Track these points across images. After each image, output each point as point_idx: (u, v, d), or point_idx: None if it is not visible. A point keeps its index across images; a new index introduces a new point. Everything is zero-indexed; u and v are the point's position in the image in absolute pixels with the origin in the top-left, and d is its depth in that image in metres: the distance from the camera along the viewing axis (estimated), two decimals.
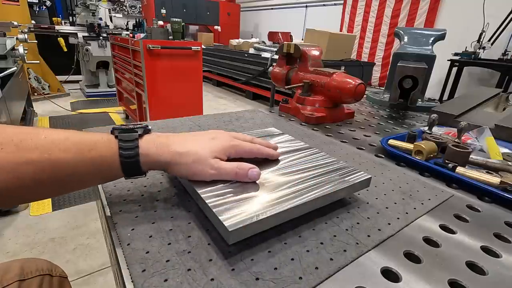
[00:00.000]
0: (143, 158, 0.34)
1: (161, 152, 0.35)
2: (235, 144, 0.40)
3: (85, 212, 1.69)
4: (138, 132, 0.35)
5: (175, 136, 0.38)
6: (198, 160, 0.36)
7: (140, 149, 0.34)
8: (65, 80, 4.54)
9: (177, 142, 0.37)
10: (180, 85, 2.62)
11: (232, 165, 0.37)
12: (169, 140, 0.36)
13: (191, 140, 0.38)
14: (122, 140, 0.33)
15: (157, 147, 0.35)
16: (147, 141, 0.35)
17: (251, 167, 0.38)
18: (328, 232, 0.36)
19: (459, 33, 3.85)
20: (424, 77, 0.97)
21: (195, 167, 0.36)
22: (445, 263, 0.33)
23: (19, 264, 0.52)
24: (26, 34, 2.63)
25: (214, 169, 0.36)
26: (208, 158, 0.36)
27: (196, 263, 0.30)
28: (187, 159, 0.36)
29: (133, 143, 0.34)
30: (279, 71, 1.01)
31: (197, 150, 0.36)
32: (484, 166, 0.55)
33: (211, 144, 0.38)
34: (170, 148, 0.35)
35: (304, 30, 4.84)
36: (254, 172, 0.37)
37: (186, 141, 0.38)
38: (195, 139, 0.39)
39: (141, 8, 7.01)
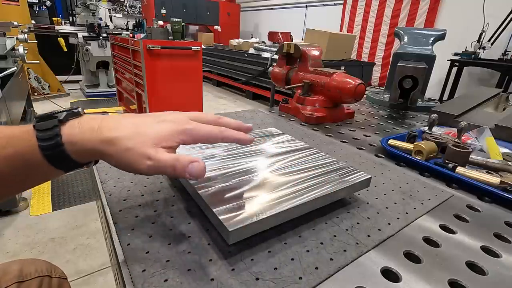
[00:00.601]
0: (69, 147, 0.28)
1: (88, 138, 0.29)
2: (189, 127, 0.32)
3: (85, 212, 1.69)
4: (59, 117, 0.29)
5: (110, 118, 0.31)
6: (132, 148, 0.29)
7: (63, 137, 0.28)
8: (65, 80, 4.54)
9: (110, 125, 0.30)
10: (180, 85, 2.62)
11: (171, 157, 0.29)
12: (101, 123, 0.30)
13: (130, 123, 0.31)
14: (39, 130, 0.28)
15: (83, 133, 0.29)
16: (71, 127, 0.29)
17: (193, 160, 0.30)
18: (328, 232, 0.36)
19: (459, 33, 3.85)
20: (424, 77, 0.97)
21: (127, 156, 0.29)
22: (445, 263, 0.33)
23: (18, 265, 0.51)
24: (26, 34, 2.62)
25: (149, 160, 0.29)
26: (147, 146, 0.29)
27: (196, 263, 0.30)
28: (119, 147, 0.29)
29: (52, 131, 0.28)
30: (279, 71, 1.01)
31: (133, 136, 0.29)
32: (484, 166, 0.55)
33: (155, 128, 0.31)
34: (99, 134, 0.29)
35: (304, 30, 4.84)
36: (195, 167, 0.30)
37: (122, 124, 0.30)
38: (135, 123, 0.31)
39: (141, 8, 7.01)
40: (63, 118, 0.29)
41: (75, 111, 0.30)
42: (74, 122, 0.29)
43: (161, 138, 0.30)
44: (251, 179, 0.39)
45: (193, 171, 0.30)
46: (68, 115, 0.29)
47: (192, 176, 0.30)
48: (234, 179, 0.39)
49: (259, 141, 0.53)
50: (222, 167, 0.42)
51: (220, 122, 0.36)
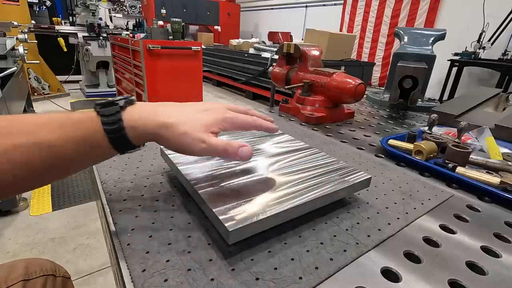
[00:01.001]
0: (130, 131, 0.31)
1: (147, 123, 0.32)
2: (229, 116, 0.36)
3: (85, 212, 1.69)
4: (119, 104, 0.32)
5: (164, 105, 0.35)
6: (187, 132, 0.33)
7: (124, 122, 0.31)
8: (65, 80, 4.54)
9: (165, 112, 0.33)
10: (180, 85, 2.62)
11: (222, 141, 0.34)
12: (156, 109, 0.33)
13: (181, 110, 0.35)
14: (104, 115, 0.31)
15: (142, 118, 0.32)
16: (131, 112, 0.32)
17: (242, 144, 0.35)
18: (328, 232, 0.36)
19: (459, 33, 3.85)
20: (424, 77, 0.97)
21: (183, 140, 0.33)
22: (445, 263, 0.33)
23: (24, 264, 0.52)
24: (26, 34, 2.62)
25: (203, 143, 0.33)
26: (199, 130, 0.33)
27: (196, 263, 0.30)
28: (175, 131, 0.32)
29: (116, 116, 0.31)
30: (279, 71, 1.01)
31: (187, 121, 0.33)
32: (484, 166, 0.55)
33: (203, 116, 0.35)
34: (156, 119, 0.32)
35: (304, 30, 4.84)
36: (244, 150, 0.34)
37: (175, 111, 0.34)
38: (185, 110, 0.35)
39: (141, 8, 7.01)
40: (123, 105, 0.32)
41: (131, 99, 0.34)
42: (132, 109, 0.32)
43: (209, 124, 0.34)
44: (251, 179, 0.39)
45: (243, 154, 0.34)
46: (126, 103, 0.32)
47: (241, 158, 0.35)
48: (234, 179, 0.39)
49: (259, 141, 0.53)
50: (222, 167, 0.42)
51: (250, 113, 0.41)
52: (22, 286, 0.49)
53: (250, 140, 0.53)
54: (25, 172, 0.29)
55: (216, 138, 0.34)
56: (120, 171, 0.48)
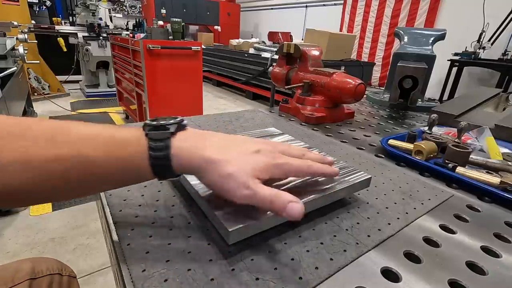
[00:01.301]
0: (175, 160, 0.29)
1: (193, 155, 0.30)
2: (281, 162, 0.33)
3: (85, 212, 1.69)
4: (171, 129, 0.30)
5: (214, 137, 0.33)
6: (233, 174, 0.29)
7: (172, 150, 0.29)
8: (65, 80, 4.54)
9: (214, 146, 0.31)
10: (180, 85, 2.62)
11: (270, 192, 0.29)
12: (206, 141, 0.31)
13: (232, 147, 0.32)
14: (152, 139, 0.29)
15: (190, 149, 0.30)
16: (180, 140, 0.30)
17: (292, 199, 0.29)
18: (328, 232, 0.36)
19: (459, 33, 3.85)
20: (424, 77, 0.97)
21: (227, 182, 0.29)
22: (445, 263, 0.33)
23: (30, 263, 0.52)
24: (26, 34, 2.62)
25: (249, 190, 0.29)
26: (247, 174, 0.30)
27: (196, 263, 0.30)
28: (221, 170, 0.29)
29: (164, 143, 0.29)
30: (279, 71, 1.01)
31: (235, 162, 0.30)
32: (484, 166, 0.55)
33: (254, 158, 0.31)
34: (204, 152, 0.30)
35: (304, 30, 4.84)
36: (295, 207, 0.29)
37: (226, 146, 0.32)
38: (236, 148, 0.32)
39: (141, 8, 7.01)
40: (175, 130, 0.30)
41: (183, 123, 0.32)
42: (182, 136, 0.31)
43: (258, 169, 0.31)
44: None
45: (292, 213, 0.29)
46: (178, 128, 0.31)
47: (289, 216, 0.29)
48: None
49: None
50: None
51: (306, 156, 0.37)
52: (29, 285, 0.49)
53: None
54: (63, 184, 0.28)
55: (264, 187, 0.30)
56: None
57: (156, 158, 0.29)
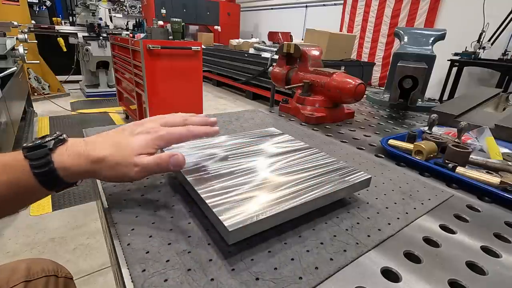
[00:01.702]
0: (62, 172, 0.32)
1: (78, 162, 0.32)
2: (161, 133, 0.37)
3: (85, 212, 1.69)
4: (48, 146, 0.32)
5: (95, 140, 0.35)
6: (119, 162, 0.33)
7: (55, 164, 0.31)
8: (65, 80, 4.54)
9: (95, 146, 0.34)
10: (180, 85, 2.62)
11: (153, 157, 0.35)
12: (86, 147, 0.34)
13: (112, 140, 0.35)
14: (32, 159, 0.31)
15: (73, 158, 0.32)
16: (61, 153, 0.32)
17: (172, 154, 0.35)
18: (328, 232, 0.36)
19: (459, 33, 3.85)
20: (424, 77, 0.97)
21: (117, 170, 0.34)
22: (445, 263, 0.33)
23: (26, 265, 0.52)
24: (26, 34, 2.63)
25: (136, 167, 0.34)
26: (130, 155, 0.34)
27: (196, 263, 0.30)
28: (107, 164, 0.33)
29: (45, 159, 0.31)
30: (279, 71, 1.01)
31: (117, 151, 0.34)
32: (484, 166, 0.55)
33: (133, 141, 0.35)
34: (87, 156, 0.33)
35: (304, 30, 4.84)
36: (175, 159, 0.35)
37: (105, 142, 0.35)
38: (116, 138, 0.36)
39: (141, 8, 7.01)
40: (52, 147, 0.32)
41: (61, 138, 0.34)
42: (62, 149, 0.33)
43: (140, 148, 0.35)
44: (251, 179, 0.39)
45: (174, 163, 0.35)
46: (56, 143, 0.33)
47: (174, 167, 0.35)
48: (234, 179, 0.39)
49: (259, 141, 0.53)
50: (222, 167, 0.42)
51: (187, 122, 0.40)
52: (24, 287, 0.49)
53: (250, 140, 0.53)
54: None
55: (147, 156, 0.35)
56: None
57: (41, 175, 0.31)
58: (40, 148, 0.32)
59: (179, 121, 0.40)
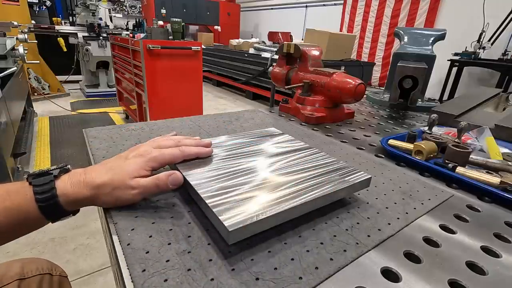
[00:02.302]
0: (63, 199, 0.33)
1: (78, 189, 0.34)
2: (154, 155, 0.39)
3: (85, 212, 1.67)
4: (54, 173, 0.34)
5: (93, 169, 0.37)
6: (116, 186, 0.35)
7: (57, 190, 0.33)
8: (65, 80, 4.54)
9: (92, 176, 0.35)
10: (180, 85, 2.62)
11: (151, 179, 0.36)
12: (86, 175, 0.35)
13: (107, 167, 0.37)
14: (36, 186, 0.33)
15: (73, 185, 0.34)
16: (63, 181, 0.34)
17: (169, 174, 0.37)
18: (328, 232, 0.36)
19: (459, 33, 3.85)
20: (424, 77, 0.97)
21: (116, 194, 0.35)
22: (445, 263, 0.33)
23: (20, 264, 0.52)
24: (26, 34, 2.63)
25: (134, 189, 0.36)
26: (126, 180, 0.35)
27: (196, 263, 0.30)
28: (105, 190, 0.35)
29: (49, 185, 0.33)
30: (279, 71, 1.01)
31: (113, 177, 0.35)
32: (484, 166, 0.55)
33: (129, 164, 0.37)
34: (87, 184, 0.35)
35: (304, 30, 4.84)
36: (173, 178, 0.36)
37: (102, 170, 0.37)
38: (110, 167, 0.37)
39: (141, 8, 7.01)
40: (57, 174, 0.34)
41: (66, 168, 0.36)
42: (65, 177, 0.35)
43: (135, 171, 0.36)
44: (251, 179, 0.39)
45: (174, 182, 0.37)
46: (60, 172, 0.35)
47: (173, 185, 0.37)
48: (234, 179, 0.39)
49: (259, 141, 0.53)
50: (222, 167, 0.42)
51: (179, 144, 0.42)
52: (18, 285, 0.49)
53: (250, 140, 0.53)
54: None
55: (144, 179, 0.36)
56: None
57: (43, 201, 0.32)
58: (45, 175, 0.34)
59: (172, 143, 0.42)
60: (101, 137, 0.61)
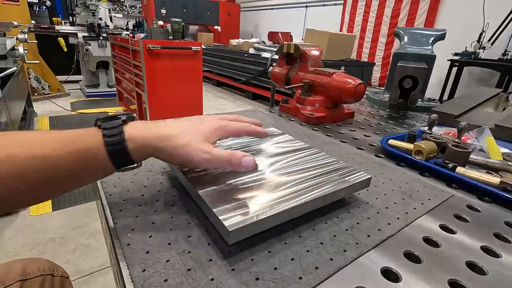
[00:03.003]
0: (130, 144, 0.32)
1: (148, 135, 0.33)
2: (223, 124, 0.38)
3: (85, 212, 1.69)
4: (122, 118, 0.33)
5: (163, 121, 0.36)
6: (189, 143, 0.34)
7: (125, 134, 0.32)
8: (65, 80, 4.54)
9: (164, 125, 0.35)
10: (180, 85, 2.62)
11: (225, 152, 0.35)
12: (157, 124, 0.35)
13: (180, 123, 0.36)
14: (105, 128, 0.32)
15: (143, 130, 0.33)
16: (132, 126, 0.33)
17: (245, 154, 0.35)
18: (328, 232, 0.36)
19: (459, 33, 3.84)
20: (424, 77, 0.97)
21: (186, 151, 0.33)
22: (445, 263, 0.33)
23: (21, 264, 0.52)
24: (26, 34, 2.62)
25: (207, 154, 0.34)
26: (200, 141, 0.34)
27: (196, 263, 0.30)
28: (177, 142, 0.33)
29: (117, 129, 0.32)
30: (279, 71, 1.01)
31: (187, 132, 0.34)
32: (484, 166, 0.55)
33: (201, 126, 0.36)
34: (158, 131, 0.33)
35: (304, 30, 4.84)
36: (247, 160, 0.35)
37: (175, 124, 0.36)
38: (183, 123, 0.37)
39: (141, 8, 7.01)
40: (126, 119, 0.33)
41: (132, 115, 0.35)
42: (134, 124, 0.34)
43: (206, 135, 0.36)
44: (251, 179, 0.39)
45: (247, 164, 0.35)
46: (128, 118, 0.34)
47: (245, 168, 0.35)
48: (234, 179, 0.39)
49: (259, 141, 0.53)
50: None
51: (240, 119, 0.43)
52: (20, 286, 0.48)
53: (250, 140, 0.53)
54: (20, 184, 0.28)
55: (220, 150, 0.35)
56: None
57: (111, 144, 0.31)
58: (114, 119, 0.33)
59: (233, 117, 0.43)
60: None
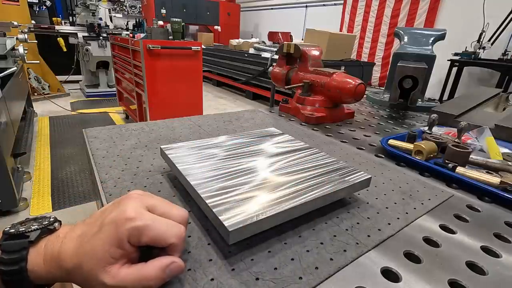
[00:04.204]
0: (32, 275, 0.25)
1: (49, 268, 0.26)
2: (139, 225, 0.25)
3: (85, 212, 1.69)
4: (31, 237, 0.26)
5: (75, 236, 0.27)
6: (86, 279, 0.25)
7: (28, 264, 0.25)
8: (65, 80, 4.54)
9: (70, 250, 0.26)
10: (180, 85, 2.62)
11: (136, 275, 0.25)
12: (62, 247, 0.26)
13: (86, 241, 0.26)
14: (5, 252, 0.25)
15: (46, 260, 0.26)
16: (37, 251, 0.26)
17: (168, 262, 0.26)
18: (328, 232, 0.36)
19: (459, 33, 3.84)
20: (424, 77, 0.97)
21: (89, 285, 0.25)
22: (445, 263, 0.33)
23: None
24: (26, 34, 2.63)
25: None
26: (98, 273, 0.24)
27: (196, 263, 0.30)
28: (76, 279, 0.26)
29: (19, 255, 0.25)
30: (279, 71, 1.01)
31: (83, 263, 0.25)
32: (484, 166, 0.55)
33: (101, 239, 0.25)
34: (59, 263, 0.26)
35: (304, 30, 4.85)
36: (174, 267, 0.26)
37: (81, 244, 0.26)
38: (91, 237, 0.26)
39: (141, 8, 7.00)
40: (34, 240, 0.26)
41: (51, 227, 0.28)
42: (42, 244, 0.27)
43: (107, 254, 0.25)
44: (251, 179, 0.39)
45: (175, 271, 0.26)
46: (42, 233, 0.27)
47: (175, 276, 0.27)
48: (234, 179, 0.39)
49: (259, 141, 0.53)
50: (222, 167, 0.42)
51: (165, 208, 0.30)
52: None
53: (250, 140, 0.53)
54: None
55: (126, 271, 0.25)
56: (120, 171, 0.48)
57: (8, 274, 0.25)
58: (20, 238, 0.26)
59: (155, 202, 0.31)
60: (101, 137, 0.61)
